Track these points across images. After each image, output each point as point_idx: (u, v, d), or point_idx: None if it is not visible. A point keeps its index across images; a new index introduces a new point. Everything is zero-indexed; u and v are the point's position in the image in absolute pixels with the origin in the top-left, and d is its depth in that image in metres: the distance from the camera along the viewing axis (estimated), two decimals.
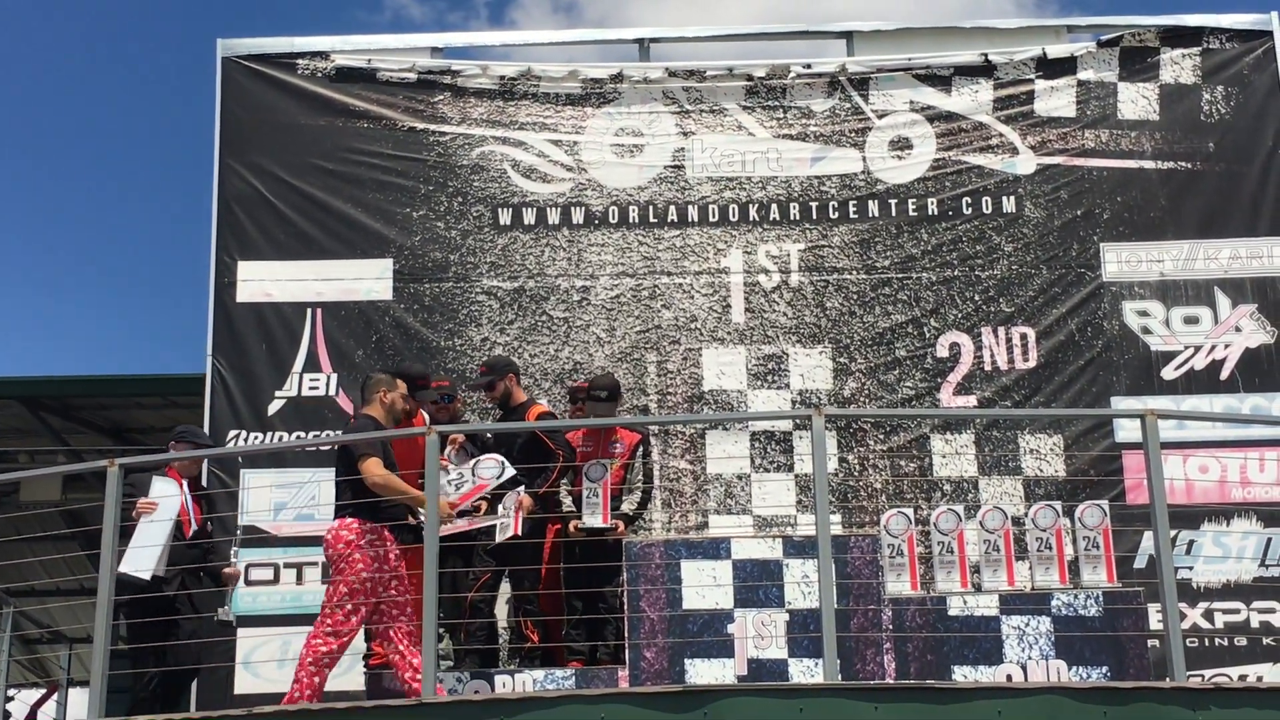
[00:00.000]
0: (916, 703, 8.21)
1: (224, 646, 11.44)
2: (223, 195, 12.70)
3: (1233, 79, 12.94)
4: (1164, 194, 12.73)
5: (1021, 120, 12.91)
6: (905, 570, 10.07)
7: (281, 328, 12.44)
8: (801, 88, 12.98)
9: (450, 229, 12.70)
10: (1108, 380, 12.37)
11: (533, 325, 12.49)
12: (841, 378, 12.37)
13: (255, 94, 12.91)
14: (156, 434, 16.13)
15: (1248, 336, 12.43)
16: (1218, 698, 8.25)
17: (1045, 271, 12.60)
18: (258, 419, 12.22)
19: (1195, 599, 11.83)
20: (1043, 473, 12.13)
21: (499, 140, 12.88)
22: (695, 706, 8.15)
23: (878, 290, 12.57)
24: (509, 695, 8.79)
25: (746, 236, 12.69)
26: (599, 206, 12.75)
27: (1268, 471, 12.07)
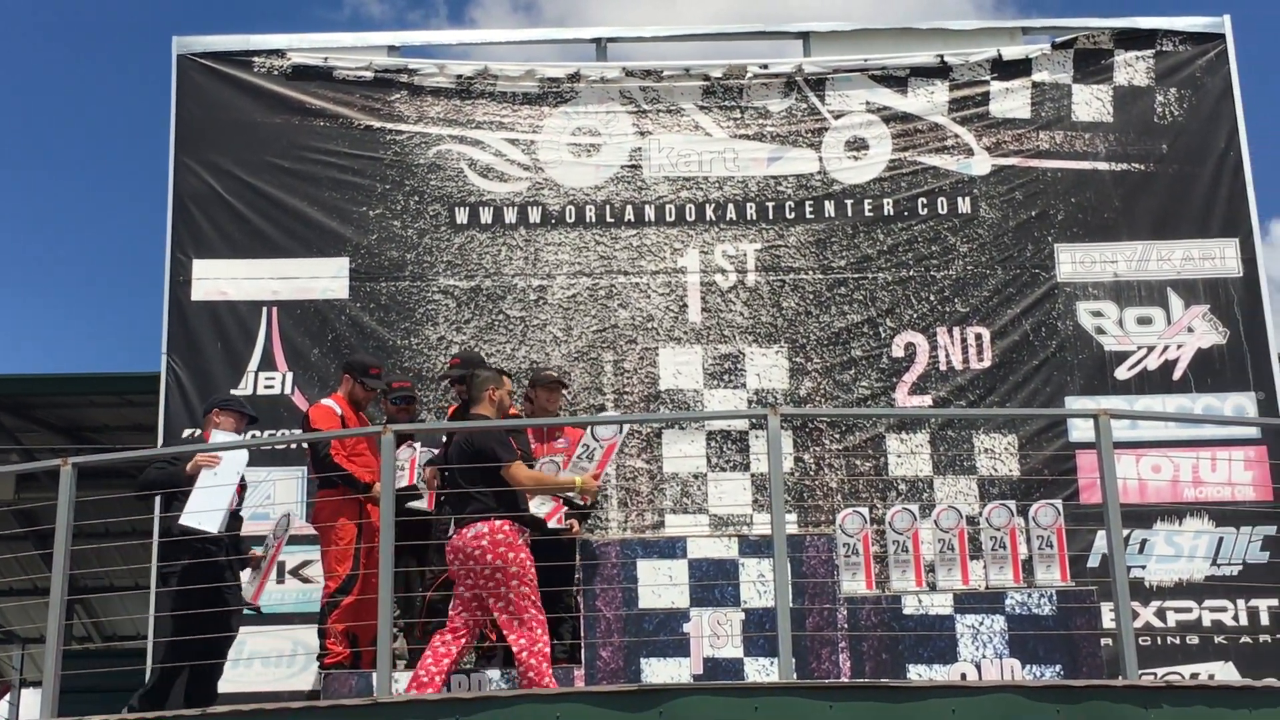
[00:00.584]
0: (871, 701, 8.21)
1: None
2: (178, 193, 12.65)
3: (1186, 81, 13.03)
4: (1118, 195, 12.82)
5: (977, 121, 12.98)
6: (860, 569, 10.11)
7: (237, 326, 12.39)
8: (758, 88, 13.00)
9: (407, 228, 12.67)
10: (1062, 380, 12.44)
11: (489, 324, 12.48)
12: (797, 377, 12.40)
13: (211, 92, 12.85)
14: (111, 432, 16.07)
15: (1200, 337, 12.53)
16: (1170, 696, 8.30)
17: (1000, 272, 12.66)
18: None
19: (1148, 598, 11.91)
20: (997, 472, 12.20)
21: (456, 139, 12.86)
22: (651, 705, 8.14)
23: (834, 290, 12.61)
24: (465, 695, 8.76)
25: (703, 236, 12.71)
26: (556, 206, 12.75)
27: (1220, 471, 12.16)
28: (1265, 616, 11.89)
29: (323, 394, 11.56)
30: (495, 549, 8.88)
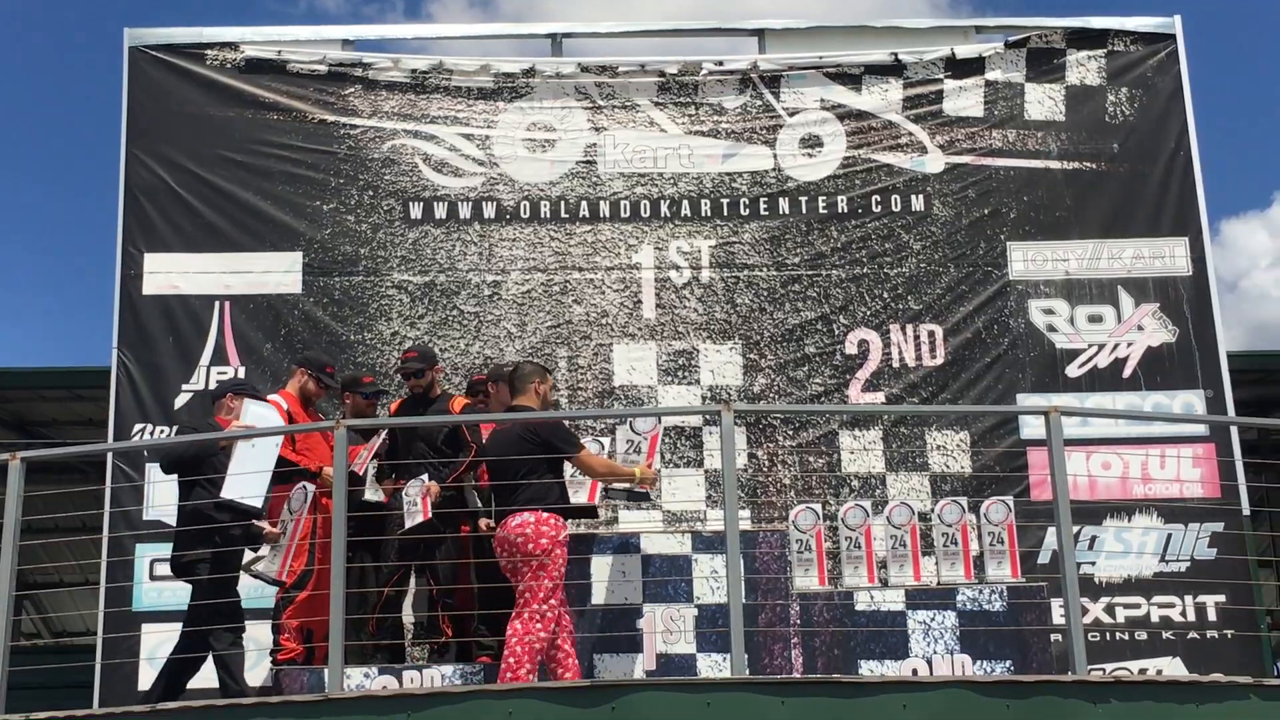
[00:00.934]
0: (823, 697, 8.24)
1: (127, 642, 11.34)
2: (129, 186, 12.57)
3: (1137, 81, 13.12)
4: (1069, 194, 12.90)
5: (930, 119, 13.04)
6: (813, 566, 10.15)
7: (189, 320, 12.32)
8: (713, 85, 13.02)
9: (361, 222, 12.64)
10: (1013, 377, 12.52)
11: (443, 320, 12.46)
12: (751, 374, 12.43)
13: (163, 84, 12.78)
14: (60, 427, 15.96)
15: (1150, 335, 12.62)
16: (1118, 691, 8.36)
17: (953, 270, 12.72)
18: (164, 412, 12.10)
19: (1097, 594, 12.00)
20: (949, 469, 12.26)
21: (410, 134, 12.83)
22: (603, 701, 8.15)
23: (788, 287, 12.65)
24: (417, 690, 8.75)
25: (658, 232, 12.72)
26: (510, 201, 12.74)
27: (1168, 468, 12.26)
28: (1213, 612, 11.99)
29: (275, 389, 11.52)
30: (537, 539, 8.94)
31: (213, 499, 9.35)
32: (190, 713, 8.40)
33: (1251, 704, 8.46)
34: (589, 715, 8.14)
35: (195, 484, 9.53)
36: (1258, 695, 8.52)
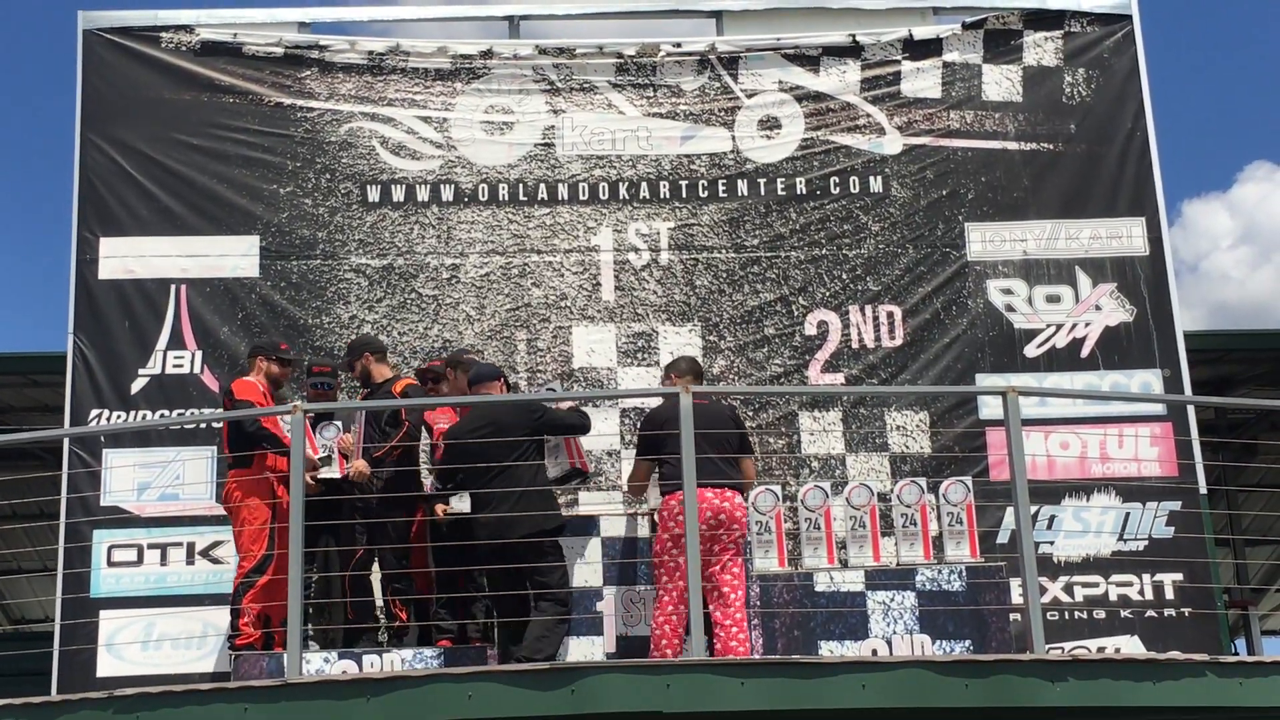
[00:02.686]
0: (782, 678, 8.28)
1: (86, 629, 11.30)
2: (84, 170, 12.46)
3: (1093, 62, 13.16)
4: (1027, 174, 12.93)
5: (888, 101, 13.04)
6: (773, 547, 10.19)
7: (145, 305, 12.24)
8: (671, 66, 13.00)
9: (318, 206, 12.57)
10: (972, 357, 12.55)
11: (402, 303, 12.42)
12: (711, 355, 12.43)
13: (118, 68, 12.67)
14: (16, 413, 15.85)
15: (1108, 315, 12.67)
16: (1075, 669, 8.42)
17: (911, 251, 12.74)
18: (120, 397, 12.02)
19: (1056, 573, 12.06)
20: (909, 449, 12.29)
21: (367, 116, 12.77)
22: (563, 684, 8.17)
23: (746, 269, 12.64)
24: (376, 675, 8.74)
25: (616, 215, 12.70)
26: (469, 184, 12.70)
27: (1126, 448, 12.32)
28: (1170, 590, 12.05)
29: (233, 373, 11.49)
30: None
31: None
32: (148, 699, 8.38)
33: (1208, 681, 8.55)
34: (548, 698, 8.16)
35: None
36: (1214, 673, 8.60)
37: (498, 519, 9.36)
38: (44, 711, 8.54)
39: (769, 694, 8.20)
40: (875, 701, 8.22)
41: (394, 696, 8.21)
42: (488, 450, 9.50)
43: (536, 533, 9.43)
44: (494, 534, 9.39)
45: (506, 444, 9.52)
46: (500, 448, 9.51)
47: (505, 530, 9.34)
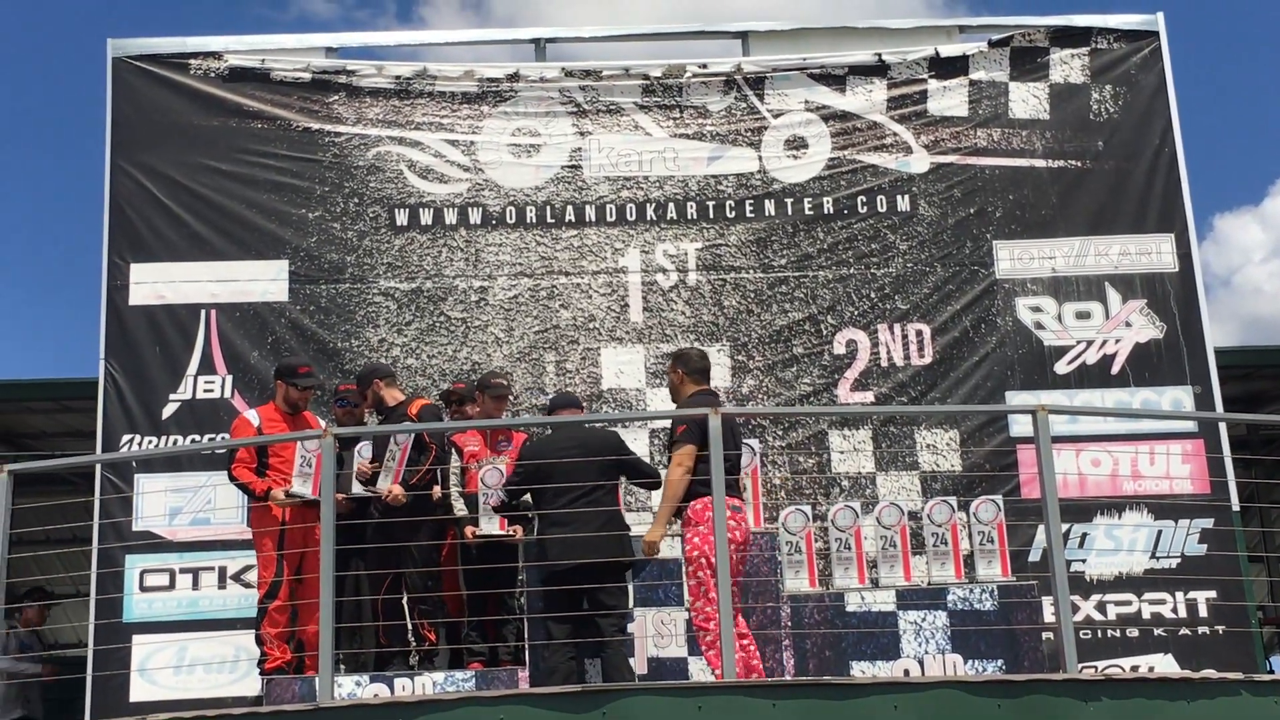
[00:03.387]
0: (814, 699, 8.24)
1: (118, 654, 11.33)
2: (114, 197, 12.54)
3: (1120, 78, 13.14)
4: (1055, 191, 12.90)
5: (915, 119, 13.04)
6: (803, 567, 10.15)
7: (175, 330, 12.30)
8: (698, 87, 13.02)
9: (346, 230, 12.62)
10: (1002, 375, 12.51)
11: (430, 326, 12.44)
12: (740, 375, 12.43)
13: (147, 94, 12.75)
14: (48, 439, 15.92)
15: (1138, 331, 12.63)
16: (1109, 688, 8.37)
17: (939, 269, 12.73)
18: (152, 422, 12.07)
19: (1088, 591, 12.00)
20: (939, 467, 12.25)
21: (395, 140, 12.82)
22: (594, 707, 8.15)
23: (774, 288, 12.64)
24: (408, 698, 8.75)
25: (644, 236, 12.72)
26: (496, 207, 12.73)
27: (1158, 465, 12.27)
28: (1204, 608, 11.99)
29: (263, 397, 11.53)
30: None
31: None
32: None
33: (1243, 700, 8.48)
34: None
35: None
36: (1249, 691, 8.53)
37: (578, 539, 9.28)
38: None
39: (801, 715, 8.17)
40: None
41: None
42: (571, 472, 9.48)
43: (621, 560, 9.43)
44: (568, 554, 9.32)
45: (594, 469, 9.52)
46: (585, 471, 9.49)
47: (587, 552, 9.29)
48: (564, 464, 9.46)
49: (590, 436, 9.84)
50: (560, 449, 9.65)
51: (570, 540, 9.29)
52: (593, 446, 9.66)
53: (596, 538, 9.26)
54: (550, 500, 9.51)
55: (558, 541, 9.38)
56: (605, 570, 9.28)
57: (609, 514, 9.50)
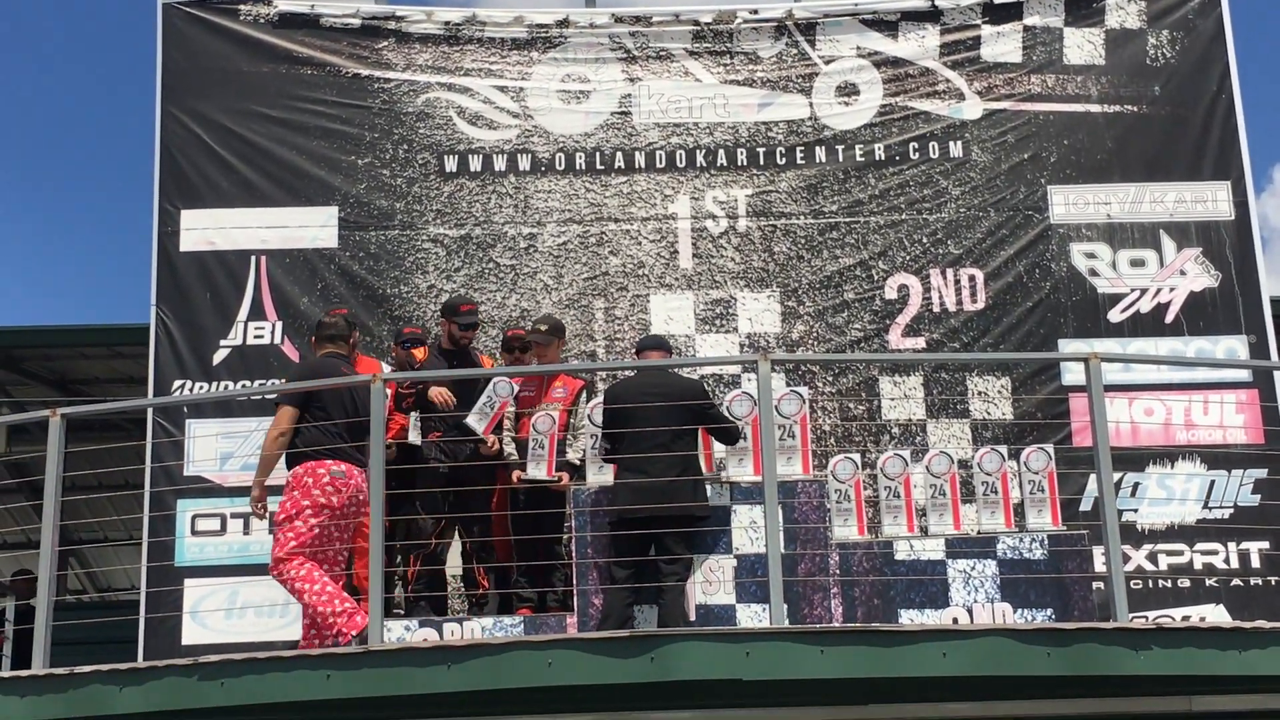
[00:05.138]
0: (863, 646, 8.24)
1: (171, 597, 11.44)
2: (165, 143, 12.57)
3: (1178, 24, 12.95)
4: (1110, 137, 12.76)
5: (968, 65, 12.91)
6: (852, 515, 10.14)
7: (226, 276, 12.34)
8: (748, 33, 12.92)
9: (396, 176, 12.62)
10: (1055, 322, 12.41)
11: (480, 272, 12.44)
12: (790, 321, 12.37)
13: (197, 40, 12.76)
14: (101, 385, 16.06)
15: (1192, 280, 12.50)
16: (1159, 638, 8.33)
17: (993, 214, 12.62)
18: (203, 368, 12.14)
19: (1140, 541, 11.93)
20: (990, 415, 12.18)
21: (444, 87, 12.79)
22: (642, 651, 8.17)
23: (825, 235, 12.57)
24: (456, 642, 8.78)
25: (694, 182, 12.66)
26: (545, 153, 12.69)
27: (1211, 414, 12.16)
28: (1256, 559, 11.91)
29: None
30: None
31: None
32: (233, 665, 8.47)
33: None
34: (628, 665, 8.16)
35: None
36: None
37: (651, 485, 9.29)
38: (131, 677, 8.64)
39: (850, 662, 8.17)
40: (956, 670, 8.16)
41: (474, 664, 8.24)
42: (652, 416, 9.49)
43: (695, 511, 9.44)
44: (648, 499, 9.29)
45: (674, 415, 9.52)
46: (666, 415, 9.51)
47: (671, 497, 9.27)
48: (644, 408, 9.46)
49: (674, 381, 9.82)
50: (643, 393, 9.65)
51: (646, 485, 9.30)
52: (674, 393, 9.64)
53: (671, 484, 9.27)
54: (628, 444, 9.52)
55: (630, 485, 9.39)
56: (677, 517, 9.30)
57: (685, 460, 9.49)
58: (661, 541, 9.30)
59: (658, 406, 9.47)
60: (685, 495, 9.33)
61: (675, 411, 9.50)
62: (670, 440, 9.41)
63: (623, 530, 9.36)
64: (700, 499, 9.45)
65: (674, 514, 9.27)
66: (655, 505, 9.22)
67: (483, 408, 10.34)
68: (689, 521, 9.38)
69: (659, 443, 9.39)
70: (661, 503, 9.22)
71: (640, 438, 9.42)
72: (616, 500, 9.48)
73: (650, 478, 9.27)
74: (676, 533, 9.31)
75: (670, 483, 9.26)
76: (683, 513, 9.31)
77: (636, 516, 9.28)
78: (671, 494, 9.25)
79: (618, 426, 9.58)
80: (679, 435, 9.49)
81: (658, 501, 9.22)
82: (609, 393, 10.01)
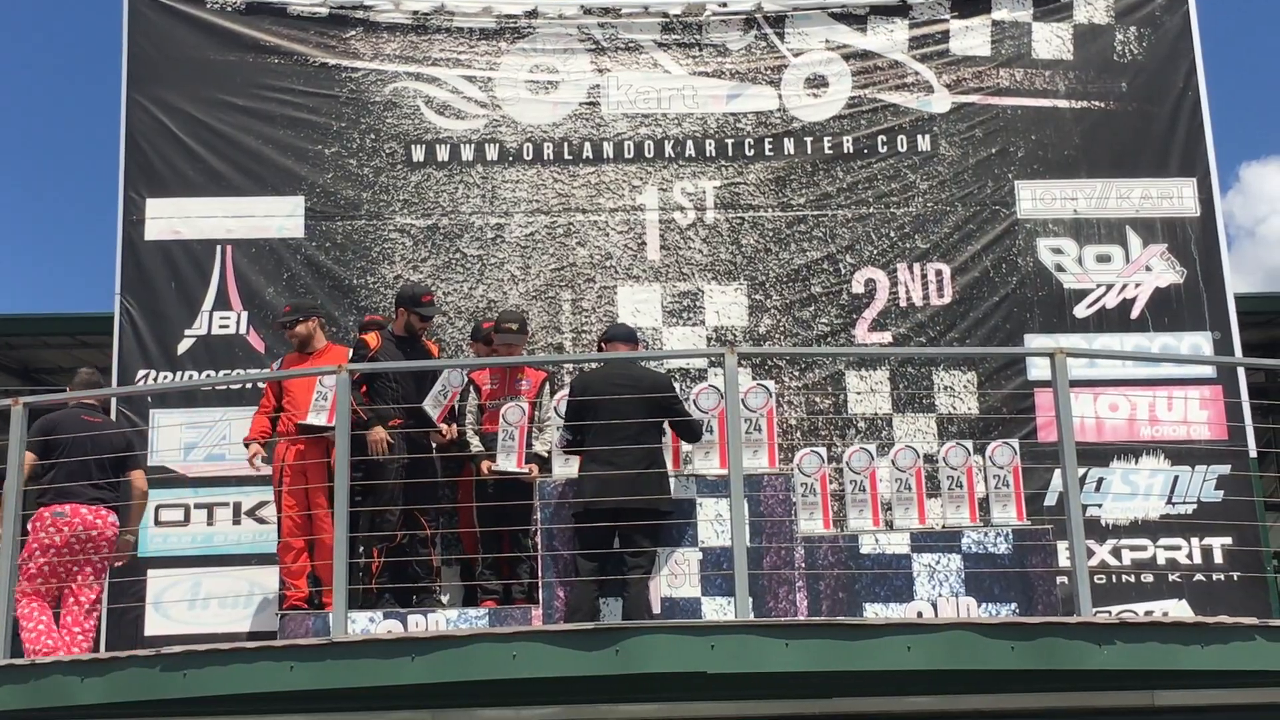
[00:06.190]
0: (827, 639, 8.25)
1: (133, 587, 11.37)
2: (130, 131, 12.50)
3: (1145, 20, 13.00)
4: (1078, 133, 12.79)
5: (937, 59, 12.92)
6: (818, 509, 10.15)
7: (191, 266, 12.27)
8: (717, 25, 12.91)
9: (363, 166, 12.57)
10: (1021, 317, 12.44)
11: (446, 263, 12.40)
12: (757, 314, 12.37)
13: (163, 28, 12.68)
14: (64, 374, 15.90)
15: (1158, 276, 12.54)
16: (1122, 632, 8.36)
17: (960, 209, 12.63)
18: (167, 358, 12.07)
19: (1103, 536, 11.97)
20: (956, 410, 12.21)
21: (412, 76, 12.74)
22: (607, 644, 8.16)
23: (793, 227, 12.57)
24: (421, 634, 8.76)
25: (662, 173, 12.64)
26: (513, 143, 12.66)
27: (1176, 410, 12.21)
28: (1219, 554, 11.96)
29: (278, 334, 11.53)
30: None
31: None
32: (195, 657, 8.43)
33: (1257, 645, 8.47)
34: (593, 658, 8.16)
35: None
36: (1263, 637, 8.52)
37: (616, 477, 9.26)
38: (93, 668, 8.60)
39: (814, 655, 8.18)
40: (921, 663, 8.18)
41: (439, 656, 8.23)
42: (620, 408, 9.46)
43: (660, 504, 9.42)
44: (605, 492, 9.27)
45: (641, 408, 9.48)
46: (633, 408, 9.48)
47: (636, 489, 9.25)
48: (611, 400, 9.44)
49: (643, 375, 9.80)
50: (611, 385, 9.62)
51: (608, 478, 9.28)
52: (643, 385, 9.62)
53: (637, 477, 9.26)
54: (594, 436, 9.49)
55: (596, 477, 9.37)
56: (642, 510, 9.29)
57: (651, 453, 9.47)
58: (626, 534, 9.30)
59: (625, 399, 9.45)
60: (650, 488, 9.32)
61: (642, 404, 9.48)
62: (637, 433, 9.40)
63: (588, 522, 9.35)
64: (665, 492, 9.44)
65: (639, 507, 9.26)
66: (620, 497, 9.21)
67: (436, 395, 10.34)
68: (654, 515, 9.37)
69: (625, 435, 9.37)
70: (627, 495, 9.21)
71: (607, 429, 9.40)
72: (582, 492, 9.46)
73: (616, 470, 9.26)
74: (641, 526, 9.30)
75: (636, 475, 9.25)
76: (647, 505, 9.30)
77: (602, 508, 9.26)
78: (637, 486, 9.24)
79: (585, 417, 9.56)
80: (645, 428, 9.48)
81: (623, 493, 9.21)
82: (576, 383, 9.97)
